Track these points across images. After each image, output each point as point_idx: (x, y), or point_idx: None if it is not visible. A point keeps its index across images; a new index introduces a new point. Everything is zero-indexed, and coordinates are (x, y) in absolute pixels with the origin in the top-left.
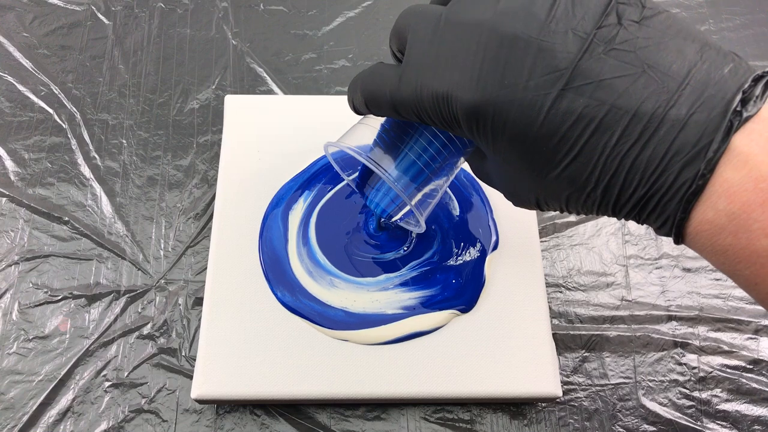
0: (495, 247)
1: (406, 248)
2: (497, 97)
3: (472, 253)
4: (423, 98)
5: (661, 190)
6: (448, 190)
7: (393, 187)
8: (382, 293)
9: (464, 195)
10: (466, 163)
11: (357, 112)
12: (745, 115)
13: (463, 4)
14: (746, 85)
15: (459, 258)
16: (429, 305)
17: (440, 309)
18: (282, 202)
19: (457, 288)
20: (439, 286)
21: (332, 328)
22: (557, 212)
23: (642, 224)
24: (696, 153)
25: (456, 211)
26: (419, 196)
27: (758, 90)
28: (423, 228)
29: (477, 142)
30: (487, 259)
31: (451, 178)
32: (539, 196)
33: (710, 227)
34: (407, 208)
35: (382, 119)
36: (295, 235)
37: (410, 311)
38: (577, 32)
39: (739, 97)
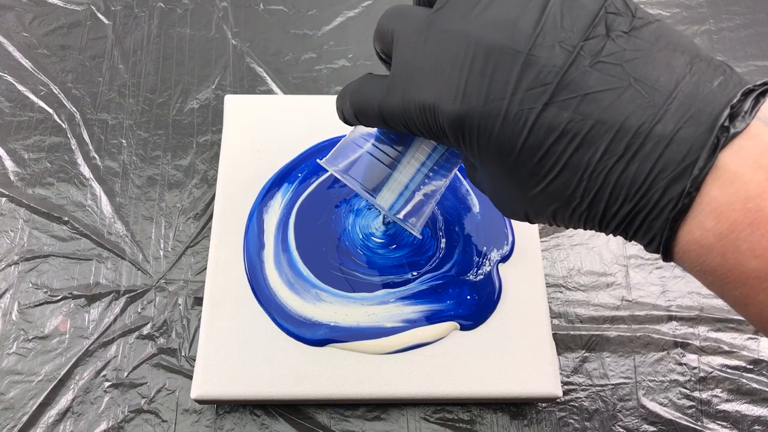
0: (510, 253)
1: (414, 274)
2: (482, 111)
3: (491, 260)
4: (410, 109)
5: (646, 208)
6: (465, 183)
7: (388, 214)
8: (380, 307)
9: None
10: None
11: (346, 122)
12: (732, 131)
13: (449, 10)
14: (735, 100)
15: (479, 272)
16: (434, 319)
17: (444, 321)
18: (259, 198)
19: (472, 306)
20: (450, 302)
21: (320, 345)
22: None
23: (630, 241)
24: (682, 170)
25: (476, 208)
26: (417, 199)
27: (747, 105)
28: (420, 236)
29: (464, 153)
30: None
31: (449, 178)
32: (527, 209)
33: (698, 247)
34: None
35: (372, 131)
36: (273, 239)
37: (412, 324)
38: (564, 45)
39: (726, 112)
